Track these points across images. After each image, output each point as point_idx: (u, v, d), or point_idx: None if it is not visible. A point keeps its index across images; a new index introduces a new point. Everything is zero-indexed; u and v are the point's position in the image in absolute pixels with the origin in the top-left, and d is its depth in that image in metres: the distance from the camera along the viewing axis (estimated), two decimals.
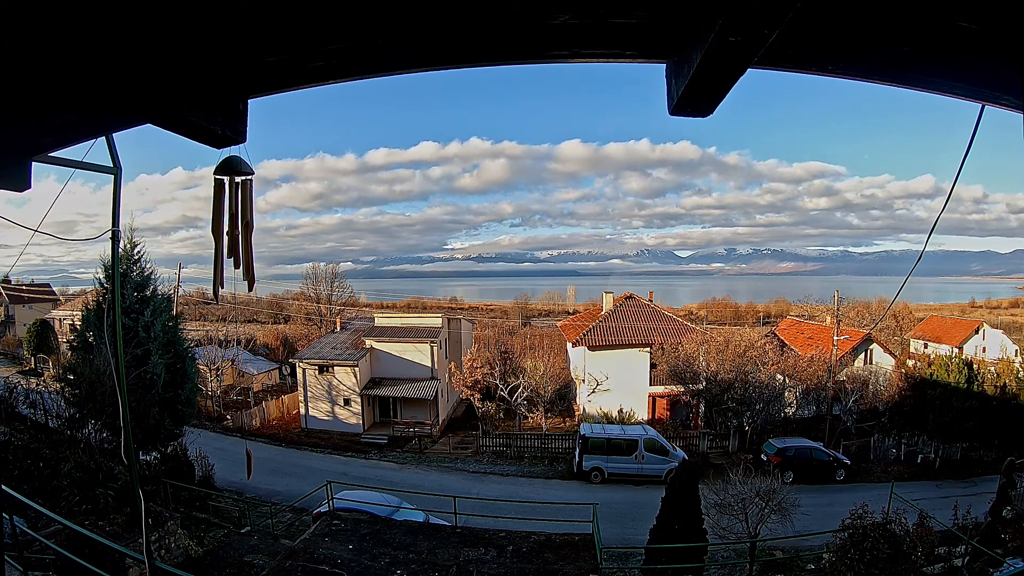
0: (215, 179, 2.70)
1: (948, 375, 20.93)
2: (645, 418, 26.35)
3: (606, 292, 32.28)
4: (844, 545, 9.67)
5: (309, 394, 27.30)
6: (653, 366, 26.91)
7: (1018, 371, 21.66)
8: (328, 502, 12.60)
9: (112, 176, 3.94)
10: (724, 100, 1.73)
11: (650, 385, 26.98)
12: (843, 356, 25.30)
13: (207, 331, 39.62)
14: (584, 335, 27.49)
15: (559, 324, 38.70)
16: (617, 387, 26.31)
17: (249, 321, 58.11)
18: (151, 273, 17.25)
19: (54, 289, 57.30)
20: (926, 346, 42.66)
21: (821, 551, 11.36)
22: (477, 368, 27.13)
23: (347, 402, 26.87)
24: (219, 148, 2.42)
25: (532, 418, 26.54)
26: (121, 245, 6.66)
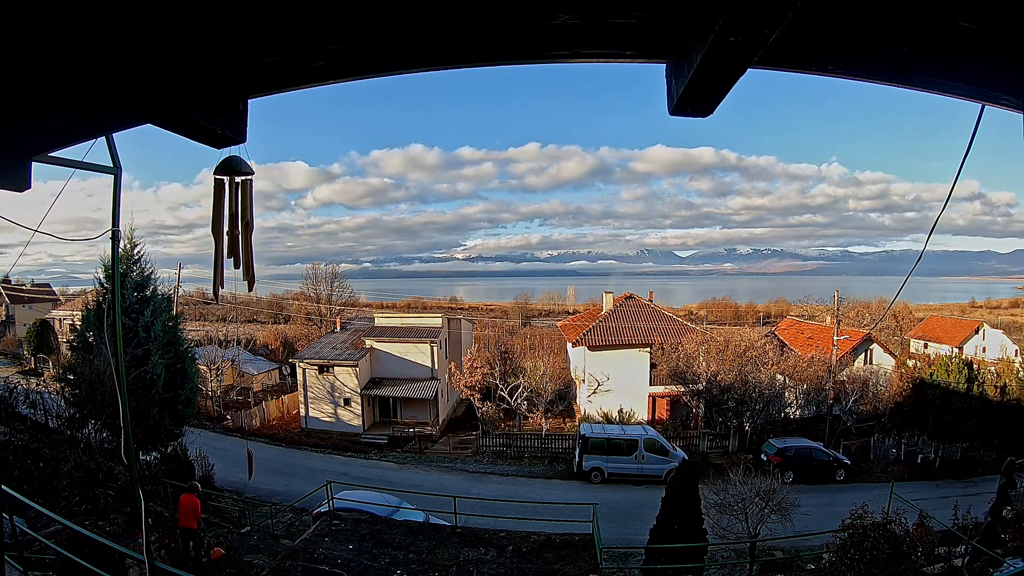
0: (215, 179, 2.70)
1: (948, 375, 20.93)
2: (645, 418, 26.35)
3: (606, 292, 32.29)
4: (844, 545, 9.67)
5: (309, 394, 27.30)
6: (653, 366, 26.91)
7: (1018, 371, 21.65)
8: (328, 502, 12.60)
9: (112, 176, 3.94)
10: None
11: (650, 385, 26.98)
12: (843, 356, 25.28)
13: (207, 331, 39.62)
14: (584, 335, 27.49)
15: (559, 324, 38.70)
16: (617, 387, 26.30)
17: (249, 321, 58.09)
18: (151, 273, 17.26)
19: (54, 289, 57.31)
20: (926, 346, 42.67)
21: (821, 551, 11.36)
22: (477, 368, 27.13)
23: (347, 402, 26.87)
24: (219, 148, 2.42)
25: (532, 418, 26.54)
26: (121, 245, 6.66)
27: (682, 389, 25.15)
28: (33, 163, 2.89)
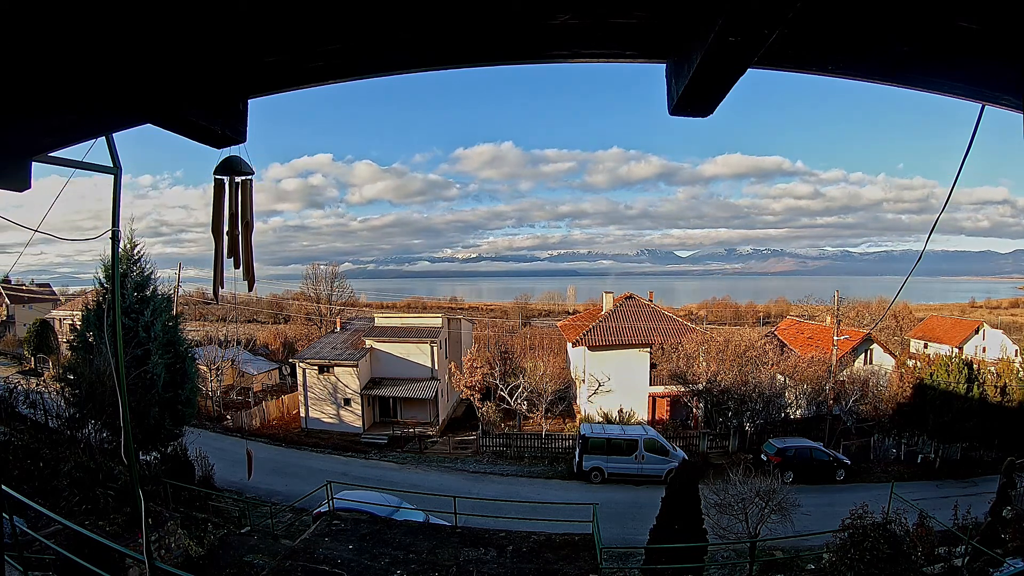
0: (215, 179, 2.70)
1: (948, 375, 20.92)
2: (645, 418, 26.34)
3: (606, 292, 32.28)
4: (844, 545, 9.67)
5: (309, 394, 27.30)
6: (653, 366, 26.91)
7: (1018, 371, 21.64)
8: (328, 502, 12.60)
9: (112, 176, 3.94)
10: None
11: (650, 385, 26.97)
12: (843, 356, 25.28)
13: (207, 331, 39.62)
14: (584, 335, 27.48)
15: (559, 324, 38.69)
16: (617, 387, 26.30)
17: (249, 321, 58.11)
18: (151, 273, 17.26)
19: (54, 289, 57.33)
20: (926, 346, 42.65)
21: (821, 551, 11.36)
22: (477, 368, 27.12)
23: (347, 402, 26.87)
24: (219, 148, 2.42)
25: (533, 419, 26.54)
26: (121, 245, 6.65)
27: (682, 389, 25.14)
28: (33, 163, 2.89)
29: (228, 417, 27.18)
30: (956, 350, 33.84)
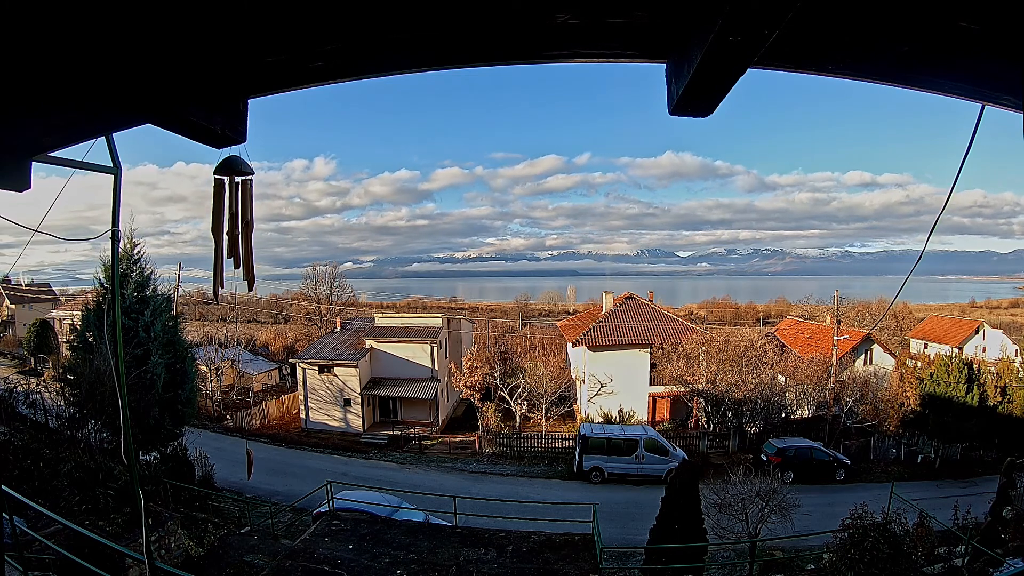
0: (215, 179, 2.70)
1: (948, 375, 20.91)
2: (645, 418, 26.34)
3: (606, 292, 32.26)
4: (844, 545, 9.67)
5: (309, 394, 27.31)
6: (653, 366, 26.89)
7: (1018, 371, 21.64)
8: (328, 502, 12.61)
9: (112, 176, 3.94)
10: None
11: (650, 385, 26.97)
12: (843, 356, 25.26)
13: (207, 331, 39.61)
14: (584, 335, 27.47)
15: (559, 324, 38.68)
16: (617, 387, 26.30)
17: (249, 321, 58.10)
18: (151, 273, 17.26)
19: (54, 289, 57.31)
20: (926, 346, 42.65)
21: (821, 551, 11.36)
22: (477, 368, 27.11)
23: (347, 402, 26.87)
24: (219, 148, 2.42)
25: (533, 419, 26.53)
26: (121, 245, 6.65)
27: (682, 389, 25.14)
28: (33, 163, 2.89)
29: (228, 417, 27.19)
30: (956, 350, 33.82)
